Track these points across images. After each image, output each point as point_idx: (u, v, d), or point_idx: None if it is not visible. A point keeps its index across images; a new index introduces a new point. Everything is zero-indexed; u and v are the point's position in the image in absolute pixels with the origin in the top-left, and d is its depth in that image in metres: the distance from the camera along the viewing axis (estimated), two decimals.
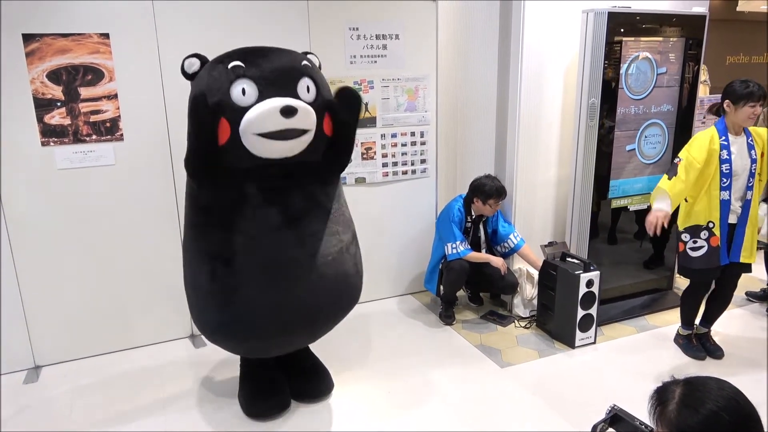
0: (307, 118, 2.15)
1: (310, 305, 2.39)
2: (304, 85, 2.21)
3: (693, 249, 2.97)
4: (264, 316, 2.32)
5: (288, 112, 2.07)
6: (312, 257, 2.34)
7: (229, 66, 2.14)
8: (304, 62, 2.28)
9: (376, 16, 3.54)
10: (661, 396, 1.17)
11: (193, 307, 2.46)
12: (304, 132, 2.18)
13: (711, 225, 2.92)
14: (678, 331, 3.30)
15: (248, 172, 2.23)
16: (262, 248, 2.28)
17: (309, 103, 2.18)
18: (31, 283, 3.06)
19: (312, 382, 2.80)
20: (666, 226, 2.88)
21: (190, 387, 2.94)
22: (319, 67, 2.43)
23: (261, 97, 2.11)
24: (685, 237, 2.99)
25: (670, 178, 2.87)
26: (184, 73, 2.26)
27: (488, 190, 3.46)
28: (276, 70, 2.17)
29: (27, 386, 2.98)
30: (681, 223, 3.03)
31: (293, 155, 2.22)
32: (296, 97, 2.16)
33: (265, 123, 2.09)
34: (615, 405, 1.49)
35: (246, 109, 2.10)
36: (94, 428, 2.63)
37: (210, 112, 2.12)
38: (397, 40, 3.61)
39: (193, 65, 2.25)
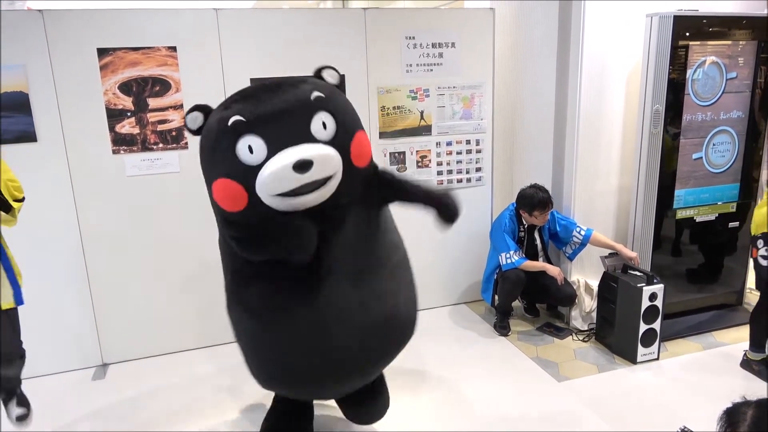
0: (326, 165, 1.83)
1: (357, 353, 2.13)
2: (319, 121, 1.87)
3: (765, 257, 2.82)
4: (312, 367, 2.11)
5: (301, 167, 1.76)
6: (360, 303, 2.09)
7: (229, 123, 1.84)
8: (315, 94, 1.90)
9: (432, 24, 3.55)
10: (731, 417, 1.13)
11: (245, 356, 2.32)
12: (328, 179, 1.86)
13: None
14: (746, 356, 3.05)
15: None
16: (303, 297, 2.02)
17: (329, 141, 1.87)
18: (101, 284, 3.22)
19: (365, 405, 2.53)
20: None
21: (247, 390, 3.00)
22: (340, 81, 2.10)
23: (271, 152, 1.80)
24: (759, 243, 2.85)
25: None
26: (188, 129, 2.04)
27: (531, 201, 3.39)
28: (281, 114, 1.84)
29: (95, 383, 3.14)
30: (756, 228, 2.89)
31: (325, 201, 1.91)
32: (311, 139, 1.85)
33: (281, 184, 1.80)
34: (685, 427, 1.43)
35: (258, 167, 1.81)
36: (158, 427, 2.72)
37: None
38: (453, 48, 3.61)
39: (197, 120, 1.99)
